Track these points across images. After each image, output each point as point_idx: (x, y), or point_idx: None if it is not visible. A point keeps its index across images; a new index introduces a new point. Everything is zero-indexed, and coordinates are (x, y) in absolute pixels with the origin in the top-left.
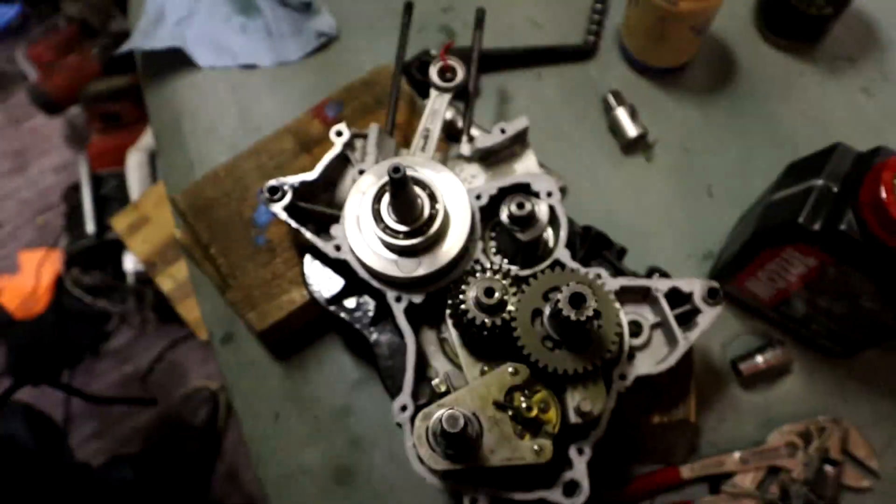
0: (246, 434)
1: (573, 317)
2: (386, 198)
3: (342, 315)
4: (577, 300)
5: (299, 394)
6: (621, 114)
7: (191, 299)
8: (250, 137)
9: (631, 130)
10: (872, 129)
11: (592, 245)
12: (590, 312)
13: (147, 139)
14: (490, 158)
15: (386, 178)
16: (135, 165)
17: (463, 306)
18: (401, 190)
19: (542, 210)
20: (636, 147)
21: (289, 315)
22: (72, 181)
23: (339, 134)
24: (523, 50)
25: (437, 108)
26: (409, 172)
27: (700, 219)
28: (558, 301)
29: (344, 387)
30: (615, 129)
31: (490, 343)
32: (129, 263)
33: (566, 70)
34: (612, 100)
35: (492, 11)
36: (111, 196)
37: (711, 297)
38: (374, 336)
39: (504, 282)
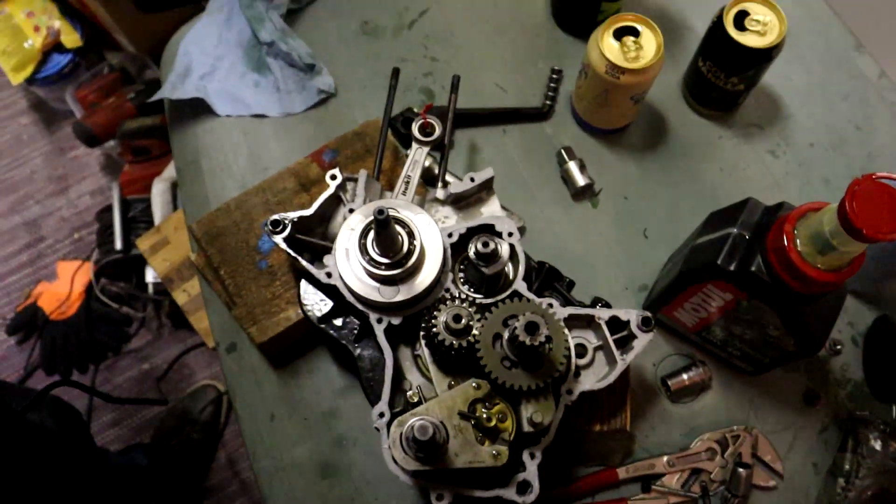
0: (244, 432)
1: (528, 342)
2: (371, 234)
3: (331, 332)
4: (531, 328)
5: (292, 398)
6: (572, 166)
7: (201, 311)
8: (258, 176)
9: (580, 180)
10: (777, 184)
11: (546, 278)
12: (542, 339)
13: (170, 171)
14: (461, 202)
15: (372, 218)
16: (158, 193)
17: (434, 329)
18: (384, 228)
19: (503, 248)
20: (584, 195)
21: (285, 330)
22: (105, 204)
23: (333, 177)
24: (491, 110)
25: (417, 159)
26: (392, 213)
27: (636, 256)
28: (516, 328)
29: (330, 393)
30: (567, 179)
31: (457, 361)
32: (150, 276)
33: (526, 128)
34: (564, 154)
35: (465, 77)
36: (138, 218)
37: (645, 325)
38: (357, 351)
39: (470, 309)
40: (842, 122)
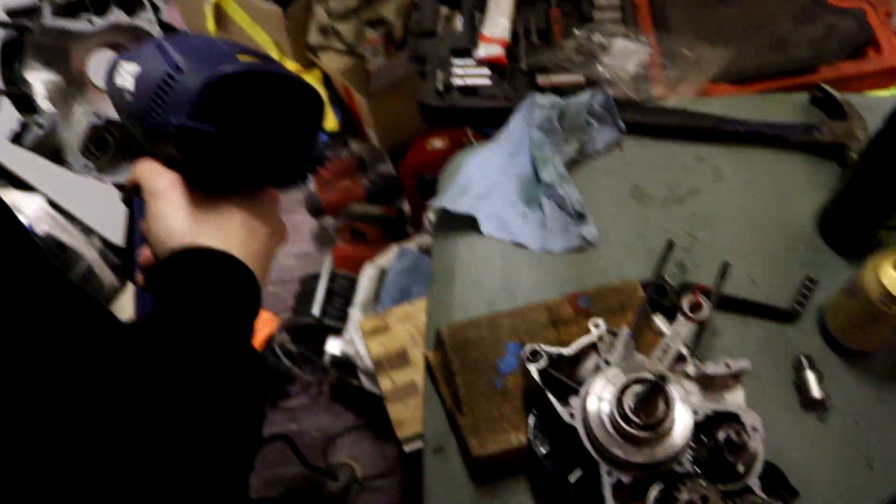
0: None
1: None
2: (631, 391)
3: (552, 471)
4: None
5: None
6: (810, 376)
7: (401, 402)
8: (505, 300)
9: (815, 392)
10: None
11: (769, 479)
12: None
13: (382, 260)
14: (707, 382)
15: (632, 375)
16: (367, 277)
17: None
18: (654, 394)
19: (751, 442)
20: (814, 407)
21: (504, 452)
22: (307, 269)
23: (596, 326)
24: (740, 300)
25: (681, 332)
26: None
27: (857, 488)
28: None
29: None
30: (800, 386)
31: None
32: (333, 348)
33: (768, 325)
34: (804, 361)
35: (721, 262)
36: (338, 292)
37: None
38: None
39: (715, 497)
40: None
